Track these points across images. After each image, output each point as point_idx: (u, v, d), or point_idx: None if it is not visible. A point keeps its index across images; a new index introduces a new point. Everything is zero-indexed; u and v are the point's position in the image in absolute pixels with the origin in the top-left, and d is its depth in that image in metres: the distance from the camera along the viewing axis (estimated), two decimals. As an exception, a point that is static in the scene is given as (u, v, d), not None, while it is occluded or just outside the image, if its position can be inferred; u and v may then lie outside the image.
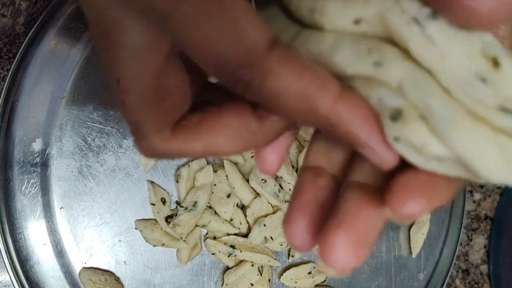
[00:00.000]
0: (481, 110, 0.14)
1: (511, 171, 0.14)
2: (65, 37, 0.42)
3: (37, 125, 0.41)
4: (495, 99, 0.14)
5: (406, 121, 0.15)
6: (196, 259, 0.43)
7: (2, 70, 0.46)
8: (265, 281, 0.44)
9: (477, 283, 0.55)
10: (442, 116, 0.14)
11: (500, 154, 0.14)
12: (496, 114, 0.14)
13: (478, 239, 0.55)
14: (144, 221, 0.42)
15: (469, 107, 0.14)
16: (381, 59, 0.15)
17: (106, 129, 0.42)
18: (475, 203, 0.55)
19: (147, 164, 0.43)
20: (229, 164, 0.43)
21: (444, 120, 0.14)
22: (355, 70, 0.16)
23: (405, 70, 0.15)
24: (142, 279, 0.42)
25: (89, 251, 0.42)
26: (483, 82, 0.14)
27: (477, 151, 0.14)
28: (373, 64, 0.15)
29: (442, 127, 0.14)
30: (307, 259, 0.46)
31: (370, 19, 0.16)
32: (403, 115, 0.15)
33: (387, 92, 0.15)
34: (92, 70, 0.42)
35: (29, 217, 0.41)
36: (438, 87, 0.15)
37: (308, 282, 0.45)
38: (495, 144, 0.14)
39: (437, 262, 0.49)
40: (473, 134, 0.14)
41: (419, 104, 0.15)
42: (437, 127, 0.14)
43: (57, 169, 0.41)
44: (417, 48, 0.15)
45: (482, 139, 0.14)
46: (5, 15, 0.46)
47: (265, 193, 0.43)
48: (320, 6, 0.17)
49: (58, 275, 0.41)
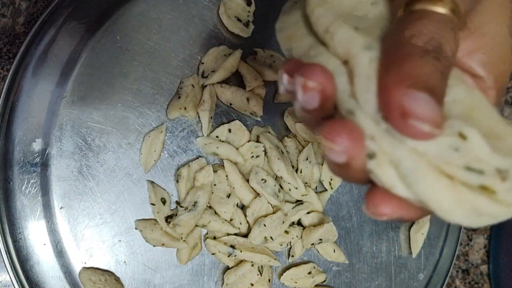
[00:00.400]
0: (448, 169, 0.18)
1: (465, 213, 0.18)
2: (65, 37, 0.42)
3: (37, 125, 0.41)
4: (462, 161, 0.17)
5: (379, 164, 0.18)
6: (196, 259, 0.43)
7: (2, 70, 0.46)
8: (265, 281, 0.44)
9: (477, 283, 0.55)
10: (409, 169, 0.18)
11: (456, 201, 0.18)
12: (461, 171, 0.17)
13: (478, 239, 0.55)
14: (144, 221, 0.42)
15: (436, 164, 0.18)
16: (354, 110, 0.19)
17: (106, 129, 0.42)
18: (475, 203, 0.55)
19: (147, 164, 0.43)
20: (229, 164, 0.43)
21: (411, 173, 0.18)
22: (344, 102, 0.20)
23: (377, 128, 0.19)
24: (142, 279, 0.42)
25: (89, 251, 0.42)
26: (456, 151, 0.17)
27: (435, 198, 0.18)
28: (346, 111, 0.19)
29: (408, 178, 0.18)
30: (307, 259, 0.46)
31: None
32: (377, 158, 0.18)
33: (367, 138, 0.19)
34: (92, 70, 0.42)
35: (29, 217, 0.41)
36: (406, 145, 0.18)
37: (308, 282, 0.45)
38: (453, 193, 0.18)
39: (437, 262, 0.49)
40: (433, 184, 0.18)
41: (390, 156, 0.18)
42: (405, 176, 0.18)
43: (57, 169, 0.42)
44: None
45: (440, 189, 0.18)
46: (5, 15, 0.46)
47: (265, 193, 0.43)
48: (332, 30, 0.20)
49: (58, 275, 0.41)
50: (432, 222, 0.49)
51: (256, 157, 0.44)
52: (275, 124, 0.46)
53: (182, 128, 0.44)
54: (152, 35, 0.44)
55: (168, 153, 0.44)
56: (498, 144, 0.18)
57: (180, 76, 0.44)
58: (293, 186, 0.43)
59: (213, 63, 0.44)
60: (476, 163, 0.17)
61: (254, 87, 0.44)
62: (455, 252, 0.49)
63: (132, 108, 0.43)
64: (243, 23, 0.45)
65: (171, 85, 0.44)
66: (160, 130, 0.43)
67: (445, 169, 0.18)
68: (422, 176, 0.18)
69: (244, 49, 0.45)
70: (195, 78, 0.44)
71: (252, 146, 0.44)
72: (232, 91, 0.44)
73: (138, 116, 0.43)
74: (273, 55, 0.45)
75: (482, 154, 0.17)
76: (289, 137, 0.45)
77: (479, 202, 0.18)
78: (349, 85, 0.20)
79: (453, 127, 0.18)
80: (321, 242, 0.44)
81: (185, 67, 0.44)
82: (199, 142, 0.43)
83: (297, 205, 0.45)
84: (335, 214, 0.47)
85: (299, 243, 0.45)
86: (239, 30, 0.45)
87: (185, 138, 0.44)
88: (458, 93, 0.19)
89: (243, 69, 0.44)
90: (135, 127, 0.43)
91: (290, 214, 0.44)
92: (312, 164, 0.45)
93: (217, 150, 0.43)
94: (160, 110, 0.43)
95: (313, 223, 0.45)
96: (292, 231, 0.44)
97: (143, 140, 0.43)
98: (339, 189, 0.47)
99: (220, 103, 0.45)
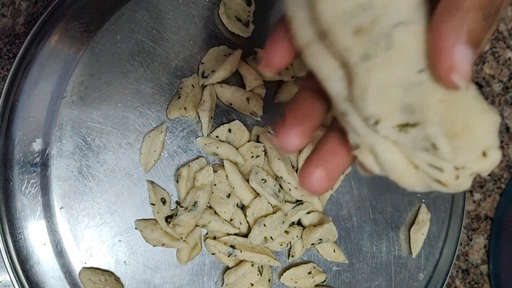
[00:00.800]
0: (415, 159, 0.22)
1: (421, 188, 0.23)
2: (65, 37, 0.42)
3: (37, 125, 0.41)
4: (428, 159, 0.21)
5: (361, 152, 0.22)
6: (196, 259, 0.43)
7: (2, 70, 0.46)
8: (265, 281, 0.44)
9: (477, 283, 0.55)
10: (385, 161, 0.22)
11: (417, 182, 0.22)
12: (425, 165, 0.22)
13: (478, 239, 0.55)
14: (144, 221, 0.42)
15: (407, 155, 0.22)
16: (347, 112, 0.22)
17: (106, 129, 0.42)
18: (475, 203, 0.55)
19: (147, 164, 0.43)
20: (229, 164, 0.43)
21: (386, 163, 0.22)
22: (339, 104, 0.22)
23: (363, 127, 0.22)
24: (142, 279, 0.42)
25: (89, 251, 0.42)
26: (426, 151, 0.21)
27: (401, 179, 0.22)
28: (340, 112, 0.22)
29: (384, 166, 0.22)
30: (307, 259, 0.46)
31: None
32: (361, 149, 0.22)
33: (351, 131, 0.22)
34: (92, 70, 0.42)
35: (29, 217, 0.41)
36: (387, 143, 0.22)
37: (308, 282, 0.45)
38: (416, 177, 0.22)
39: (437, 262, 0.49)
40: (403, 173, 0.22)
41: (371, 149, 0.22)
42: (381, 164, 0.22)
43: (57, 169, 0.42)
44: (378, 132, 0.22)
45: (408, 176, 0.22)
46: (5, 15, 0.46)
47: (265, 193, 0.43)
48: (335, 32, 0.20)
49: (58, 275, 0.41)
50: (432, 222, 0.49)
51: (256, 157, 0.44)
52: (275, 124, 0.46)
53: (182, 128, 0.44)
54: (152, 35, 0.44)
55: (168, 153, 0.44)
56: (465, 140, 0.21)
57: (180, 76, 0.44)
58: (293, 186, 0.43)
59: (213, 63, 0.44)
60: (439, 162, 0.21)
61: (254, 87, 0.44)
62: (455, 252, 0.49)
63: (132, 108, 0.43)
64: (243, 23, 0.45)
65: (171, 85, 0.44)
66: (160, 130, 0.43)
67: (414, 161, 0.22)
68: (393, 166, 0.22)
69: (244, 49, 0.45)
70: (195, 78, 0.44)
71: (252, 146, 0.44)
72: (232, 91, 0.44)
73: (138, 116, 0.43)
74: (273, 55, 0.45)
75: (446, 157, 0.21)
76: (289, 137, 0.45)
77: (434, 184, 0.22)
78: (344, 89, 0.21)
79: (429, 137, 0.21)
80: (321, 242, 0.44)
81: (185, 67, 0.44)
82: (199, 142, 0.43)
83: (297, 205, 0.45)
84: (335, 214, 0.47)
85: (299, 243, 0.45)
86: (239, 30, 0.45)
87: (185, 138, 0.44)
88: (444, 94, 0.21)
89: (243, 69, 0.44)
90: (135, 127, 0.43)
91: (290, 214, 0.44)
92: (312, 164, 0.45)
93: (217, 150, 0.43)
94: (160, 110, 0.43)
95: (313, 223, 0.45)
96: (292, 231, 0.44)
97: (143, 140, 0.43)
98: (339, 189, 0.47)
99: (220, 103, 0.45)
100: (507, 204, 0.55)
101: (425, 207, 0.49)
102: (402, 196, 0.49)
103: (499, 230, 0.54)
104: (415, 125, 0.21)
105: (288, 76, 0.45)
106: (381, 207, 0.48)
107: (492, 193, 0.55)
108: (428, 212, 0.49)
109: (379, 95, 0.20)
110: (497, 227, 0.55)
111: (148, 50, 0.43)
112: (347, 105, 0.22)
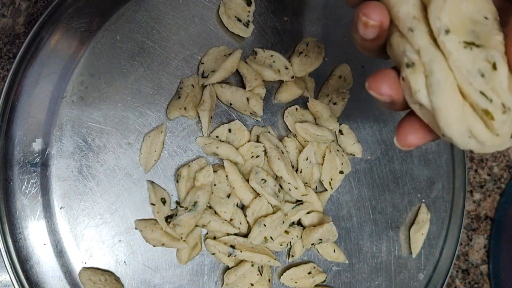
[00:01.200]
0: (467, 88, 0.22)
1: (460, 130, 0.22)
2: (65, 37, 0.42)
3: (37, 125, 0.41)
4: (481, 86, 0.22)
5: (414, 71, 0.23)
6: (196, 259, 0.43)
7: (2, 70, 0.46)
8: (265, 281, 0.44)
9: (477, 283, 0.55)
10: (437, 80, 0.22)
11: (459, 117, 0.22)
12: (476, 93, 0.22)
13: (478, 239, 0.55)
14: (144, 221, 0.42)
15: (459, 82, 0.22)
16: (414, 28, 0.23)
17: (106, 129, 0.42)
18: (475, 203, 0.55)
19: (147, 164, 0.43)
20: (229, 164, 0.43)
21: (437, 83, 0.22)
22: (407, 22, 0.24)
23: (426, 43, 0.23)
24: (142, 279, 0.42)
25: (89, 251, 0.42)
26: (481, 76, 0.22)
27: (444, 108, 0.22)
28: (408, 28, 0.24)
29: (434, 86, 0.22)
30: (307, 259, 0.46)
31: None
32: (415, 67, 0.23)
33: (410, 49, 0.23)
34: (92, 70, 0.42)
35: (29, 217, 0.41)
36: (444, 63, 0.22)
37: (308, 282, 0.45)
38: (460, 110, 0.22)
39: (437, 262, 0.49)
40: (448, 97, 0.22)
41: (427, 66, 0.23)
42: (431, 84, 0.22)
43: (57, 169, 0.42)
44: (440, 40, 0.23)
45: (452, 102, 0.22)
46: (5, 15, 0.46)
47: (265, 193, 0.43)
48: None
49: (58, 275, 0.41)
50: (432, 222, 0.49)
51: (256, 157, 0.44)
52: (275, 124, 0.46)
53: (182, 128, 0.44)
54: (152, 35, 0.44)
55: (168, 153, 0.44)
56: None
57: (180, 76, 0.44)
58: (293, 186, 0.43)
59: (213, 63, 0.44)
60: (490, 92, 0.22)
61: (254, 87, 0.44)
62: (455, 252, 0.49)
63: (132, 108, 0.43)
64: (243, 23, 0.45)
65: (171, 85, 0.44)
66: (160, 130, 0.43)
67: (465, 88, 0.22)
68: (443, 88, 0.22)
69: (244, 49, 0.45)
70: (195, 78, 0.44)
71: (252, 146, 0.44)
72: (232, 91, 0.44)
73: (138, 116, 0.43)
74: (273, 55, 0.45)
75: (500, 88, 0.22)
76: (289, 137, 0.45)
77: (476, 125, 0.22)
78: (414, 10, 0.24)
79: (492, 57, 0.22)
80: (321, 242, 0.44)
81: (185, 67, 0.44)
82: (199, 142, 0.43)
83: (297, 205, 0.45)
84: (335, 214, 0.47)
85: (299, 243, 0.45)
86: (239, 30, 0.45)
87: (185, 138, 0.44)
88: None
89: (243, 69, 0.44)
90: (135, 127, 0.43)
91: (290, 214, 0.44)
92: (312, 164, 0.45)
93: (217, 150, 0.43)
94: (160, 110, 0.43)
95: (313, 223, 0.45)
96: (292, 231, 0.44)
97: (143, 140, 0.43)
98: (339, 189, 0.47)
99: (220, 103, 0.45)
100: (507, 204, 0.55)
101: (425, 207, 0.49)
102: (402, 196, 0.49)
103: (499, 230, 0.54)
104: (479, 46, 0.22)
105: (288, 76, 0.45)
106: (381, 207, 0.48)
107: (492, 193, 0.55)
108: (428, 212, 0.49)
109: (454, 13, 0.23)
110: (497, 227, 0.55)
111: (148, 50, 0.43)
112: (415, 22, 0.23)
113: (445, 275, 0.49)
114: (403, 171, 0.49)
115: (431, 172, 0.50)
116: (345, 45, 0.48)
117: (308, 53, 0.46)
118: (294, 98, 0.46)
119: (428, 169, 0.50)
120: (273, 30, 0.46)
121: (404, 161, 0.49)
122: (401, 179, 0.49)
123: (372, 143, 0.48)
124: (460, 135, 0.23)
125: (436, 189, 0.50)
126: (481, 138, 0.22)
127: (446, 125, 0.23)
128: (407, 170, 0.49)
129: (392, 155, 0.49)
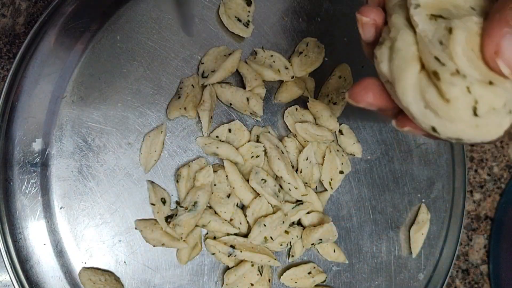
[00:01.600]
0: (425, 57, 0.23)
1: (415, 96, 0.23)
2: (65, 37, 0.42)
3: (37, 125, 0.41)
4: (437, 52, 0.22)
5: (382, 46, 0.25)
6: (196, 259, 0.43)
7: (2, 70, 0.46)
8: (265, 281, 0.44)
9: (477, 283, 0.55)
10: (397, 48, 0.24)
11: (414, 84, 0.23)
12: (431, 59, 0.22)
13: (478, 239, 0.55)
14: (144, 221, 0.42)
15: (421, 54, 0.23)
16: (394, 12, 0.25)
17: (106, 129, 0.42)
18: (475, 203, 0.55)
19: (147, 164, 0.43)
20: (229, 164, 0.43)
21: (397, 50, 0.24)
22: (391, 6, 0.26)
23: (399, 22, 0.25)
24: (142, 279, 0.42)
25: (89, 251, 0.42)
26: (440, 44, 0.23)
27: (402, 76, 0.23)
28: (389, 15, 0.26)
29: (393, 54, 0.24)
30: (307, 259, 0.46)
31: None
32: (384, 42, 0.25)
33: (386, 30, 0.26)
34: (92, 70, 0.42)
35: (29, 217, 0.41)
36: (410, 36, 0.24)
37: (308, 282, 0.45)
38: (416, 78, 0.23)
39: (437, 262, 0.49)
40: (406, 66, 0.23)
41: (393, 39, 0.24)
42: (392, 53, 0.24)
43: (57, 169, 0.42)
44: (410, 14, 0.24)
45: (408, 70, 0.23)
46: (5, 15, 0.46)
47: (265, 193, 0.43)
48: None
49: (58, 275, 0.41)
50: (432, 222, 0.49)
51: (256, 157, 0.44)
52: (275, 124, 0.46)
53: (182, 128, 0.44)
54: (152, 35, 0.44)
55: (168, 153, 0.44)
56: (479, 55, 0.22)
57: (180, 76, 0.44)
58: (293, 186, 0.43)
59: (213, 63, 0.44)
60: (446, 58, 0.22)
61: (254, 87, 0.44)
62: (455, 252, 0.49)
63: (132, 108, 0.43)
64: (243, 23, 0.45)
65: (171, 85, 0.44)
66: (160, 130, 0.43)
67: (424, 57, 0.23)
68: (401, 55, 0.23)
69: (244, 49, 0.45)
70: (195, 78, 0.44)
71: (252, 146, 0.44)
72: (232, 91, 0.44)
73: (138, 116, 0.43)
74: (273, 55, 0.45)
75: (454, 52, 0.22)
76: (289, 137, 0.45)
77: (429, 90, 0.23)
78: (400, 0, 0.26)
79: (450, 23, 0.22)
80: (321, 242, 0.44)
81: (185, 67, 0.44)
82: (199, 142, 0.43)
83: (297, 205, 0.45)
84: (335, 214, 0.47)
85: (299, 243, 0.45)
86: (239, 30, 0.45)
87: (185, 138, 0.44)
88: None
89: (243, 69, 0.44)
90: (135, 127, 0.43)
91: (290, 214, 0.44)
92: (312, 164, 0.45)
93: (217, 150, 0.43)
94: (160, 110, 0.43)
95: (313, 223, 0.45)
96: (292, 231, 0.44)
97: (143, 140, 0.43)
98: (339, 189, 0.47)
99: (220, 103, 0.45)
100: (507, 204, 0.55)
101: (425, 207, 0.49)
102: (402, 196, 0.49)
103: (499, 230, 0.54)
104: (445, 18, 0.23)
105: (288, 76, 0.45)
106: (381, 207, 0.48)
107: (492, 193, 0.55)
108: (428, 212, 0.49)
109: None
110: (497, 227, 0.55)
111: (148, 50, 0.43)
112: (397, 8, 0.25)
113: (445, 275, 0.49)
114: (403, 171, 0.49)
115: (431, 172, 0.50)
116: (345, 45, 0.48)
117: (308, 53, 0.46)
118: (294, 98, 0.46)
119: (428, 169, 0.50)
120: (273, 30, 0.46)
121: (404, 161, 0.49)
122: (401, 179, 0.49)
123: (372, 143, 0.48)
124: (415, 103, 0.23)
125: (436, 189, 0.50)
126: (433, 105, 0.23)
127: (401, 92, 0.23)
128: (407, 170, 0.49)
129: (392, 155, 0.49)
